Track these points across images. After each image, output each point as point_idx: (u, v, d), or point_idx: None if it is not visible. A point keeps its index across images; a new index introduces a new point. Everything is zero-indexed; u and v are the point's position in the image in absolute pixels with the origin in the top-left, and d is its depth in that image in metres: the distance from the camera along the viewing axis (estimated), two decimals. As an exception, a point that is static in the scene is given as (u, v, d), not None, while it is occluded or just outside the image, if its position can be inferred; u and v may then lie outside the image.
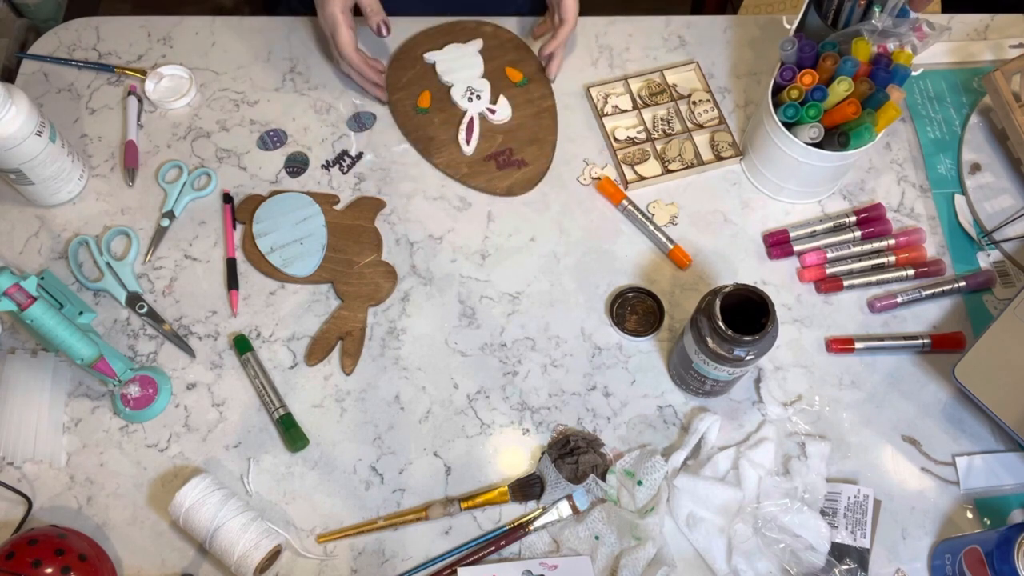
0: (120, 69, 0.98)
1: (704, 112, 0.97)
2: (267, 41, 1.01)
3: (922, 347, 0.86)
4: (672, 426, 0.83)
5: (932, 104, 1.00)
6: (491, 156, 0.95)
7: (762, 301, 0.71)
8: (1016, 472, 0.81)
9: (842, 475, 0.81)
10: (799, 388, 0.85)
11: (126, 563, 0.77)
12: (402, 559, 0.78)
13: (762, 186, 0.94)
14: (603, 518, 0.78)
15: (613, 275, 0.90)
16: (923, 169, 0.96)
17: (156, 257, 0.90)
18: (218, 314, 0.87)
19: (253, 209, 0.90)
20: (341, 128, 0.96)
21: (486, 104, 0.97)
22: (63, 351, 0.75)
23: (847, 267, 0.90)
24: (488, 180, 0.93)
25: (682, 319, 0.88)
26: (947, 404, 0.85)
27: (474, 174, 0.94)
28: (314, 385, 0.84)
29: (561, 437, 0.82)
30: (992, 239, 0.92)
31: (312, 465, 0.81)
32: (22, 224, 0.91)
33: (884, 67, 0.82)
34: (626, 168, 0.95)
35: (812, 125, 0.84)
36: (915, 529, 0.79)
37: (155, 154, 0.95)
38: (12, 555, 0.69)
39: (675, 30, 1.04)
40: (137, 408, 0.81)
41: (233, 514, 0.74)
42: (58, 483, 0.80)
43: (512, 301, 0.88)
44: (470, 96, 0.97)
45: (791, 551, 0.76)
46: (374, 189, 0.93)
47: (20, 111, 0.81)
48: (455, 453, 0.82)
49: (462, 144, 0.95)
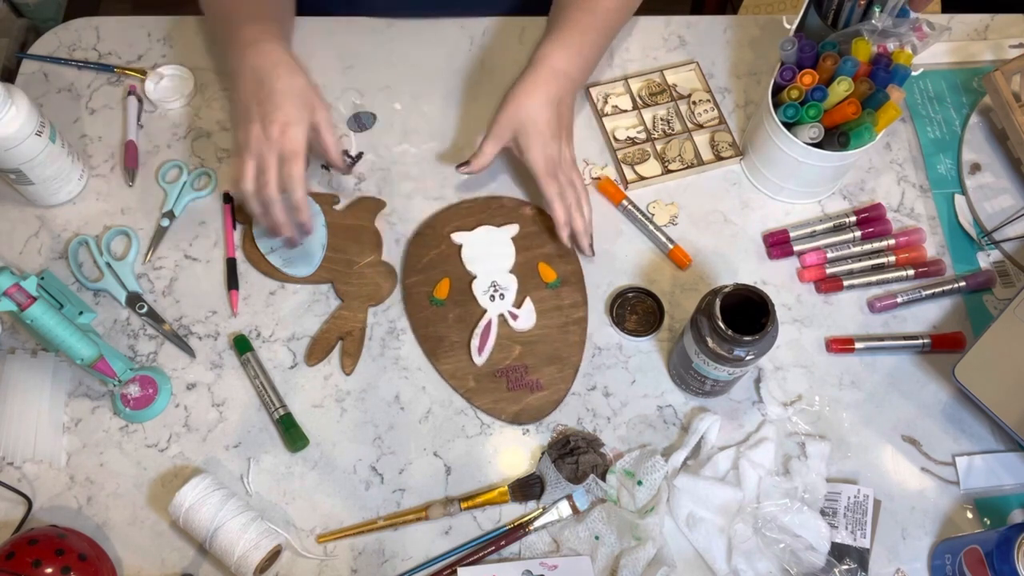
0: (120, 69, 0.98)
1: (704, 112, 0.97)
2: (267, 41, 1.01)
3: (922, 347, 0.86)
4: (672, 426, 0.83)
5: (932, 104, 1.00)
6: (503, 371, 0.84)
7: (762, 301, 0.71)
8: (1016, 472, 0.81)
9: (842, 475, 0.81)
10: (799, 388, 0.85)
11: (126, 563, 0.77)
12: (402, 559, 0.78)
13: (762, 186, 0.94)
14: (603, 518, 0.78)
15: (613, 275, 0.90)
16: (923, 169, 0.96)
17: (156, 257, 0.90)
18: (218, 314, 0.87)
19: None
20: (341, 128, 0.96)
21: (509, 305, 0.86)
22: (63, 351, 0.75)
23: (847, 267, 0.90)
24: (495, 401, 0.82)
25: (682, 319, 0.88)
26: (947, 404, 0.85)
27: (481, 391, 0.83)
28: (314, 385, 0.84)
29: (561, 437, 0.82)
30: (992, 239, 0.92)
31: (312, 465, 0.81)
32: (22, 224, 0.91)
33: (884, 67, 0.82)
34: (626, 168, 0.95)
35: (812, 125, 0.84)
36: (915, 529, 0.79)
37: (155, 154, 0.95)
38: (12, 555, 0.69)
39: (675, 30, 1.04)
40: (137, 408, 0.81)
41: (233, 514, 0.74)
42: (58, 483, 0.80)
43: (512, 301, 0.88)
44: (493, 294, 0.86)
45: (791, 551, 0.76)
46: (374, 189, 0.93)
47: (20, 111, 0.81)
48: (455, 453, 0.82)
49: (473, 352, 0.84)
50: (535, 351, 0.85)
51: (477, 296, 0.86)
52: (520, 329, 0.85)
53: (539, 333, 0.85)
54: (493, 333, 0.85)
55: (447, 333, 0.85)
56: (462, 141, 0.96)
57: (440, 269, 0.88)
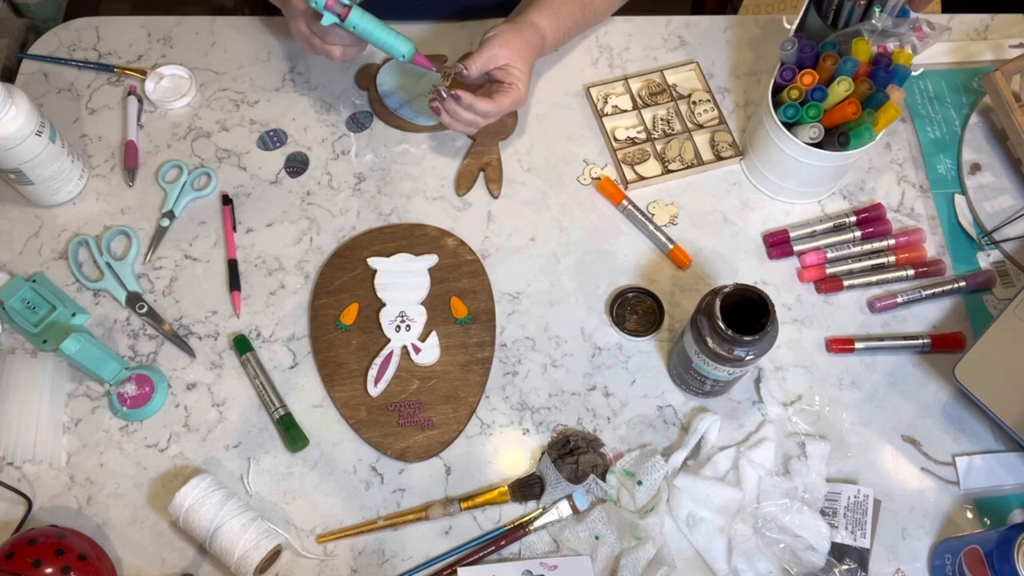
0: (120, 69, 0.98)
1: (704, 112, 0.97)
2: (267, 41, 1.01)
3: (922, 347, 0.86)
4: (672, 426, 0.83)
5: (932, 104, 1.00)
6: (397, 406, 0.82)
7: (762, 301, 0.71)
8: (1016, 472, 0.81)
9: (842, 475, 0.81)
10: (799, 388, 0.85)
11: (126, 563, 0.77)
12: (402, 559, 0.78)
13: (762, 186, 0.94)
14: (603, 518, 0.78)
15: (613, 275, 0.90)
16: (923, 169, 0.96)
17: (156, 257, 0.90)
18: (218, 314, 0.87)
19: (372, 76, 0.97)
20: (341, 128, 0.96)
21: (414, 338, 0.84)
22: (384, 50, 0.82)
23: (847, 267, 0.90)
24: (382, 436, 0.81)
25: (682, 319, 0.88)
26: (947, 404, 0.85)
27: (370, 423, 0.81)
28: (314, 385, 0.84)
29: (561, 437, 0.82)
30: (992, 239, 0.92)
31: (312, 465, 0.81)
32: (22, 224, 0.91)
33: (884, 67, 0.82)
34: (626, 168, 0.95)
35: (812, 125, 0.84)
36: (915, 529, 0.79)
37: (155, 154, 0.95)
38: (12, 555, 0.69)
39: (675, 30, 1.04)
40: (134, 407, 0.81)
41: (233, 514, 0.74)
42: (58, 483, 0.80)
43: (512, 301, 0.88)
44: (399, 324, 0.84)
45: (791, 551, 0.76)
46: (374, 189, 0.93)
47: (20, 111, 0.81)
48: (455, 453, 0.82)
49: (369, 382, 0.82)
50: (433, 388, 0.83)
51: (383, 325, 0.84)
52: (421, 363, 0.83)
53: (440, 370, 0.83)
54: (393, 365, 0.83)
55: (347, 360, 0.84)
56: (462, 141, 0.96)
57: (351, 293, 0.86)
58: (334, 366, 0.84)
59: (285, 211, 0.92)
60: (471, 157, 0.94)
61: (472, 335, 0.85)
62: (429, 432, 0.81)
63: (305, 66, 1.00)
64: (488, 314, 0.86)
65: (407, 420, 0.81)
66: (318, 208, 0.92)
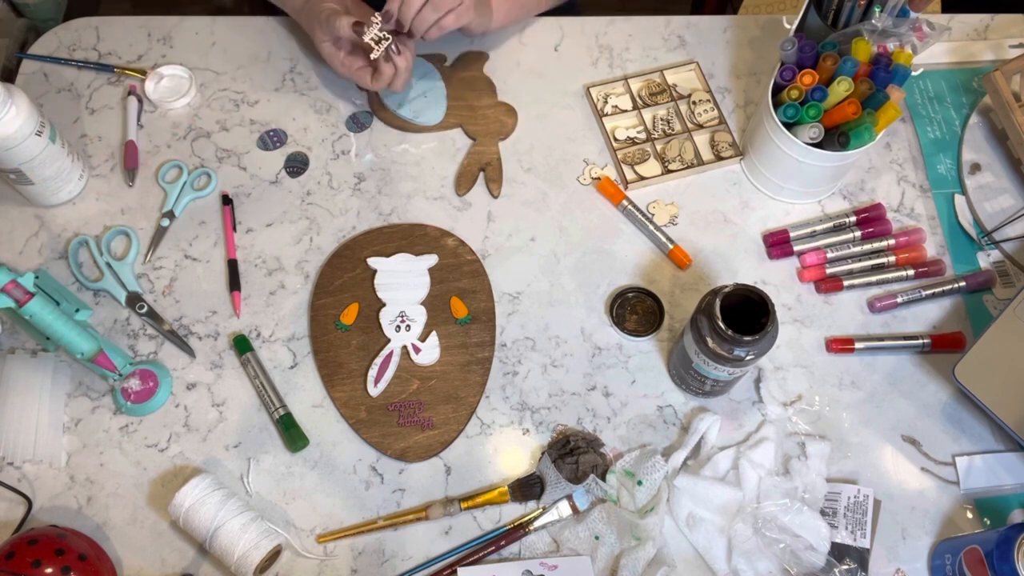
0: (120, 69, 0.98)
1: (704, 112, 0.97)
2: (267, 41, 1.01)
3: (922, 347, 0.86)
4: (672, 426, 0.83)
5: (932, 104, 1.00)
6: (397, 406, 0.82)
7: (762, 301, 0.71)
8: (1016, 472, 0.81)
9: (842, 475, 0.81)
10: (799, 388, 0.85)
11: (126, 563, 0.77)
12: (402, 559, 0.78)
13: (762, 186, 0.94)
14: (603, 518, 0.78)
15: (613, 275, 0.90)
16: (923, 169, 0.96)
17: (156, 257, 0.90)
18: (218, 314, 0.87)
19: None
20: (341, 128, 0.96)
21: (414, 338, 0.84)
22: (63, 346, 0.75)
23: (847, 267, 0.90)
24: (382, 436, 0.81)
25: (682, 319, 0.88)
26: (947, 404, 0.85)
27: (370, 423, 0.81)
28: (314, 385, 0.84)
29: (561, 437, 0.82)
30: (992, 239, 0.92)
31: (312, 465, 0.81)
32: (22, 224, 0.91)
33: (884, 67, 0.82)
34: (626, 168, 0.95)
35: (812, 125, 0.84)
36: (915, 529, 0.79)
37: (155, 154, 0.95)
38: (12, 555, 0.69)
39: (675, 30, 1.04)
40: (138, 401, 0.81)
41: (233, 514, 0.74)
42: (58, 483, 0.80)
43: (512, 301, 0.88)
44: (399, 324, 0.84)
45: (791, 551, 0.76)
46: (374, 189, 0.93)
47: (20, 111, 0.81)
48: (455, 453, 0.82)
49: (370, 382, 0.82)
50: (433, 388, 0.83)
51: (383, 325, 0.84)
52: (421, 363, 0.83)
53: (440, 370, 0.83)
54: (393, 365, 0.83)
55: (347, 360, 0.84)
56: (462, 141, 0.96)
57: (351, 293, 0.86)
58: (334, 366, 0.84)
59: (285, 211, 0.92)
60: (471, 157, 0.94)
61: (472, 335, 0.85)
62: (429, 432, 0.81)
63: (305, 66, 1.00)
64: (488, 314, 0.86)
65: (407, 420, 0.81)
66: (318, 208, 0.92)
